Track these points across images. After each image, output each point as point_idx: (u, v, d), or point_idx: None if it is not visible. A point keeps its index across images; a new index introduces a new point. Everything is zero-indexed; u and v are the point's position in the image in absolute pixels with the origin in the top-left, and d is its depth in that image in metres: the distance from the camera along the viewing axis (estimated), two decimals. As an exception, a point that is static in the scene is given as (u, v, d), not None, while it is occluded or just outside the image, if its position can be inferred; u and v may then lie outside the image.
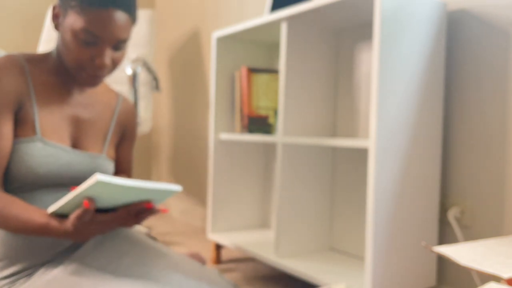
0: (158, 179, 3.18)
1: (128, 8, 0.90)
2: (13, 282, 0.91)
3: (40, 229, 0.84)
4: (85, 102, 1.02)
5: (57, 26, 0.94)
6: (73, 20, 0.88)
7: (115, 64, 0.94)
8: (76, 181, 0.97)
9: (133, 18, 0.93)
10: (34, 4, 2.86)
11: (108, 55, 0.90)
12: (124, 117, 1.12)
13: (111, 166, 1.05)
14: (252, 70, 1.84)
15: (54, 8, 0.94)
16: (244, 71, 1.84)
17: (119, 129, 1.11)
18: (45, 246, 0.93)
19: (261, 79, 1.85)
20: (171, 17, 3.03)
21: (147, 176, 3.27)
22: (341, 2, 1.36)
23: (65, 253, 0.96)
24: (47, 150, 0.91)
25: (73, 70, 0.92)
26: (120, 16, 0.89)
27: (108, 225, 0.84)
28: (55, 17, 0.94)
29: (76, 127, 0.99)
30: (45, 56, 1.00)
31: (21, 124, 0.91)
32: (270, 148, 2.10)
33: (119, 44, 0.92)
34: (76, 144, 1.00)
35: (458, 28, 1.40)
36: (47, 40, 2.49)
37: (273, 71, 1.88)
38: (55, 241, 0.94)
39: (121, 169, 1.16)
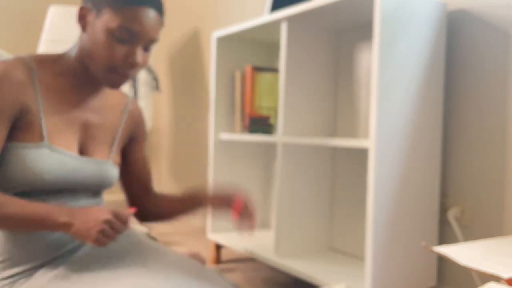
0: (158, 179, 3.18)
1: (160, 9, 0.93)
2: (13, 282, 0.91)
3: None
4: (96, 106, 1.00)
5: (84, 27, 0.93)
6: (109, 18, 0.88)
7: (142, 65, 0.94)
8: (82, 187, 0.96)
9: (163, 20, 0.95)
10: (34, 4, 2.86)
11: (140, 54, 0.91)
12: (132, 119, 1.11)
13: (116, 171, 1.04)
14: (256, 69, 1.84)
15: (81, 9, 0.93)
16: (248, 70, 1.84)
17: (127, 133, 1.10)
18: (46, 248, 0.93)
19: (264, 79, 1.85)
20: (171, 17, 3.03)
21: (147, 176, 3.27)
22: (341, 2, 1.36)
23: (66, 255, 0.96)
24: (54, 157, 0.90)
25: (101, 71, 0.91)
26: (154, 15, 0.91)
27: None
28: (82, 18, 0.93)
29: (85, 132, 0.98)
30: (58, 58, 0.97)
31: (28, 129, 0.90)
32: (270, 148, 2.10)
33: (149, 45, 0.93)
34: (83, 149, 0.98)
35: (458, 28, 1.40)
36: (47, 40, 2.49)
37: (277, 71, 1.88)
38: (57, 244, 0.94)
39: (141, 175, 1.14)
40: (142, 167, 1.15)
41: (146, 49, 0.94)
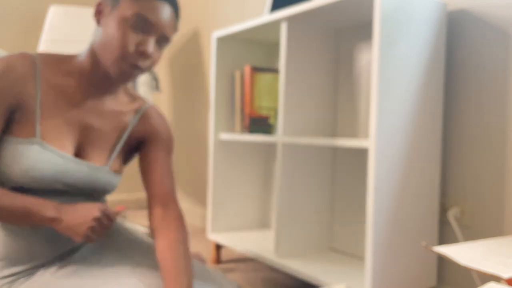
0: (158, 179, 3.17)
1: (177, 10, 0.94)
2: (13, 281, 0.91)
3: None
4: (100, 109, 0.98)
5: (99, 21, 0.93)
6: (126, 7, 0.89)
7: (152, 62, 0.94)
8: (75, 189, 0.94)
9: (177, 23, 0.96)
10: (34, 4, 2.86)
11: (152, 46, 0.91)
12: (146, 123, 1.05)
13: (114, 179, 0.99)
14: (255, 69, 1.84)
15: (99, 5, 0.93)
16: (247, 70, 1.84)
17: (136, 137, 1.04)
18: (46, 249, 0.93)
19: (264, 79, 1.85)
20: (171, 17, 3.03)
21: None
22: (341, 2, 1.36)
23: (66, 255, 0.95)
24: (44, 154, 0.89)
25: (113, 59, 0.89)
26: (170, 12, 0.92)
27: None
28: (98, 13, 0.93)
29: (84, 135, 0.96)
30: (67, 57, 0.96)
31: (22, 124, 0.89)
32: (270, 148, 2.10)
33: (162, 40, 0.93)
34: (80, 152, 0.96)
35: (458, 28, 1.40)
36: (47, 40, 2.49)
37: (277, 71, 1.88)
38: (57, 244, 0.93)
39: (153, 186, 1.01)
40: (161, 175, 1.02)
41: (159, 44, 0.93)
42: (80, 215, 0.86)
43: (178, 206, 1.02)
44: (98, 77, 0.95)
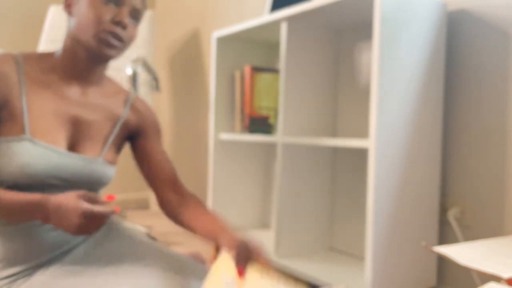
0: (158, 179, 3.17)
1: None
2: (12, 282, 0.91)
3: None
4: (88, 102, 0.99)
5: (70, 12, 0.96)
6: None
7: (130, 36, 0.96)
8: (71, 184, 0.94)
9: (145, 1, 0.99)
10: (34, 4, 2.86)
11: (126, 17, 0.94)
12: (137, 113, 1.08)
13: (109, 170, 1.01)
14: (255, 69, 1.84)
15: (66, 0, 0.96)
16: (247, 70, 1.84)
17: (130, 128, 1.07)
18: (45, 248, 0.93)
19: (264, 79, 1.85)
20: (171, 17, 3.03)
21: (147, 176, 3.27)
22: (341, 2, 1.36)
23: (65, 254, 0.95)
24: (36, 150, 0.89)
25: (92, 35, 0.92)
26: None
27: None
28: (68, 6, 0.96)
29: (74, 128, 0.96)
30: (46, 54, 0.98)
31: (11, 123, 0.89)
32: (270, 148, 2.10)
33: (134, 14, 0.96)
34: (73, 145, 0.96)
35: (458, 28, 1.40)
36: (47, 40, 2.49)
37: (277, 71, 1.88)
38: (56, 244, 0.93)
39: (162, 169, 1.07)
40: (162, 160, 1.08)
41: (133, 17, 0.97)
42: (64, 219, 0.80)
43: (184, 186, 1.11)
44: (80, 65, 0.97)
